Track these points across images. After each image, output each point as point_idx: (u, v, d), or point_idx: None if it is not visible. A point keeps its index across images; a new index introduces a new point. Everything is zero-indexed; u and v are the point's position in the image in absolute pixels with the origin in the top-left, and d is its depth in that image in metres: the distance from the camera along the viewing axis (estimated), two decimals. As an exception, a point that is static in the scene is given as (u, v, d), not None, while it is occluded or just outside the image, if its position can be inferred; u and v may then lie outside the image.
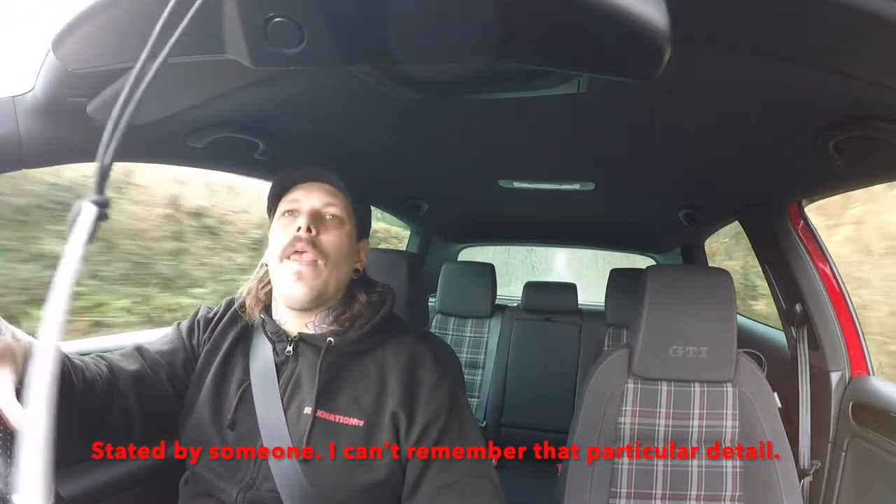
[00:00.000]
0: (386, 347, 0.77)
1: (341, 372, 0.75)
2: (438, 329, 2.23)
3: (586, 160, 1.15)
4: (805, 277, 1.32)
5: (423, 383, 0.74)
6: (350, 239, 0.79)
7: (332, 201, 0.77)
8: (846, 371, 1.30)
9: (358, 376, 0.74)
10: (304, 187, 0.78)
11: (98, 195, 0.30)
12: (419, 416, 0.72)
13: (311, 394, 0.72)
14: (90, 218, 0.31)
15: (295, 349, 0.76)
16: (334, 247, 0.75)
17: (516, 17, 0.33)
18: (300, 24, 0.35)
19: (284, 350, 0.76)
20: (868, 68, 0.52)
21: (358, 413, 0.72)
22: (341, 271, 0.77)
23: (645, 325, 1.10)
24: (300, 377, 0.75)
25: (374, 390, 0.73)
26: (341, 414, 0.72)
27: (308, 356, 0.75)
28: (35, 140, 0.69)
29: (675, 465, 1.10)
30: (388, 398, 0.72)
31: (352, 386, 0.74)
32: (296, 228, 0.73)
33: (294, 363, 0.76)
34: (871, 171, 0.91)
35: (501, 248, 5.91)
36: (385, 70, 0.59)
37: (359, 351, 0.76)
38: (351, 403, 0.72)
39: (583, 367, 2.10)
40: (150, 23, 0.39)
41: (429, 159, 1.20)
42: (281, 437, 0.71)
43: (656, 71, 0.35)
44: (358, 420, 0.71)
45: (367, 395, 0.73)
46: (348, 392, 0.73)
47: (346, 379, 0.74)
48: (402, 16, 0.35)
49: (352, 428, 0.71)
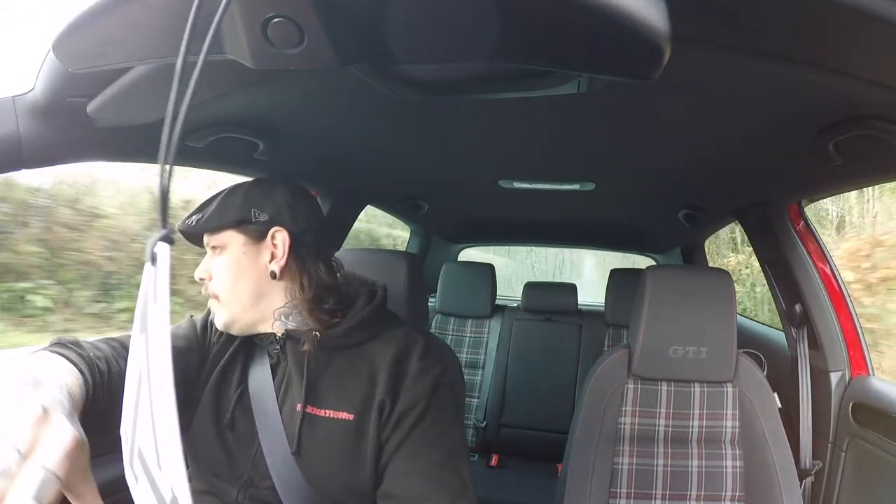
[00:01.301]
0: (376, 342, 0.76)
1: (330, 366, 0.74)
2: (438, 329, 2.23)
3: (586, 160, 1.15)
4: (805, 277, 1.32)
5: (408, 372, 0.73)
6: (236, 257, 0.74)
7: (209, 240, 0.77)
8: (846, 371, 1.30)
9: (347, 371, 0.74)
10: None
11: (164, 228, 0.31)
12: (399, 402, 0.71)
13: (300, 390, 0.73)
14: (166, 255, 0.31)
15: (282, 347, 0.76)
16: (222, 283, 0.75)
17: (516, 16, 0.33)
18: (300, 24, 0.35)
19: (274, 350, 0.77)
20: (868, 68, 0.52)
21: (347, 407, 0.71)
22: (242, 292, 0.74)
23: (645, 325, 1.10)
24: (291, 375, 0.75)
25: (364, 384, 0.73)
26: (330, 408, 0.72)
27: (297, 353, 0.75)
28: (35, 140, 0.69)
29: (675, 465, 1.10)
30: (377, 389, 0.72)
31: (341, 380, 0.74)
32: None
33: (285, 361, 0.76)
34: (871, 171, 0.91)
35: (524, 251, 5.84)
36: (385, 70, 0.59)
37: (348, 345, 0.75)
38: (340, 398, 0.72)
39: (583, 367, 2.10)
40: (150, 23, 0.39)
41: (429, 159, 1.21)
42: (276, 435, 0.72)
43: (656, 71, 0.35)
44: (347, 414, 0.71)
45: (356, 390, 0.72)
46: (337, 386, 0.73)
47: (336, 373, 0.74)
48: (402, 16, 0.35)
49: (342, 422, 0.71)
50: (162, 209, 0.31)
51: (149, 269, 0.33)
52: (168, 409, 0.30)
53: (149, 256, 0.32)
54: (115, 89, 0.62)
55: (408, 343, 0.76)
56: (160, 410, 0.31)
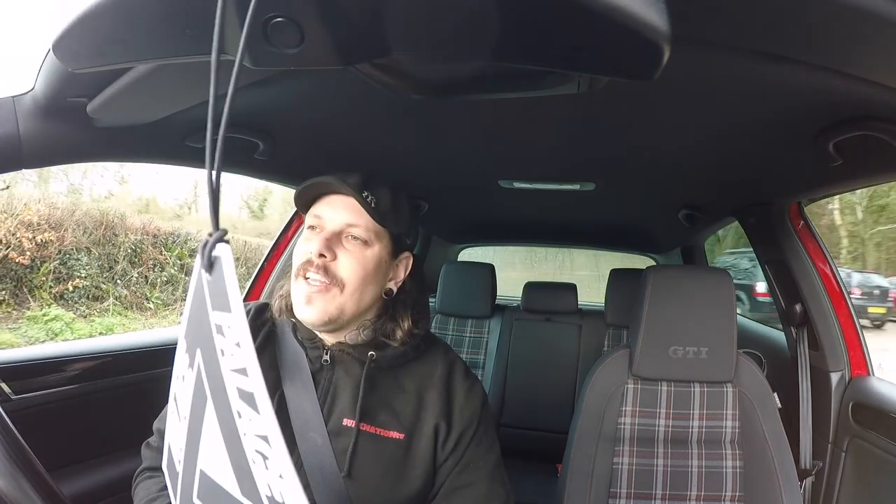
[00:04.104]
0: (420, 361, 0.77)
1: (379, 385, 0.73)
2: (438, 329, 2.23)
3: (586, 160, 1.15)
4: (805, 277, 1.32)
5: (458, 392, 0.75)
6: (377, 259, 0.73)
7: (356, 221, 0.71)
8: (846, 371, 1.30)
9: (396, 390, 0.74)
10: (328, 201, 0.73)
11: (218, 230, 0.29)
12: (455, 423, 0.73)
13: (351, 406, 0.71)
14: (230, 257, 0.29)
15: (332, 358, 0.74)
16: (353, 271, 0.70)
17: (516, 17, 0.33)
18: (300, 24, 0.35)
19: (320, 359, 0.74)
20: (868, 68, 0.52)
21: (397, 426, 0.71)
22: (364, 295, 0.72)
23: (645, 326, 1.10)
24: (337, 388, 0.73)
25: (413, 403, 0.73)
26: (382, 427, 0.71)
27: (347, 367, 0.74)
28: (35, 140, 0.69)
29: (675, 465, 1.10)
30: (427, 411, 0.73)
31: (390, 399, 0.73)
32: (309, 249, 0.70)
33: (331, 372, 0.74)
34: (871, 171, 0.91)
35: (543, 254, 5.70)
36: (385, 70, 0.59)
37: (396, 365, 0.75)
38: (391, 417, 0.72)
39: (583, 367, 2.10)
40: (150, 23, 0.39)
41: (429, 159, 1.20)
42: (321, 451, 0.69)
43: (656, 71, 0.35)
44: (398, 433, 0.71)
45: (406, 409, 0.73)
46: (387, 405, 0.73)
47: (385, 392, 0.73)
48: (402, 16, 0.35)
49: (393, 441, 0.71)
50: (214, 210, 0.29)
51: (203, 277, 0.30)
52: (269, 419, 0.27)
53: (205, 262, 0.29)
54: (115, 89, 0.62)
55: (450, 361, 0.78)
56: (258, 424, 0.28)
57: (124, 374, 1.22)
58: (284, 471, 0.27)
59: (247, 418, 0.29)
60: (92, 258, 6.53)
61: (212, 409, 0.31)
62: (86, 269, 6.40)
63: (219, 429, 0.31)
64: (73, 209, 6.59)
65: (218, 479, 0.31)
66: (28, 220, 5.97)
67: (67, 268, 6.27)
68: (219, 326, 0.30)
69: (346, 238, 0.72)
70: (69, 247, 6.33)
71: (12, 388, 1.01)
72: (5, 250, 5.75)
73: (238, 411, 0.29)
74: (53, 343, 4.38)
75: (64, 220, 6.33)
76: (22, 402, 1.01)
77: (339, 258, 0.70)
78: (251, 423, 0.28)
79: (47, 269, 6.11)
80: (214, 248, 0.29)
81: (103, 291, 6.53)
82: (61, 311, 5.98)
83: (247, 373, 0.28)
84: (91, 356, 1.17)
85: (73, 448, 1.10)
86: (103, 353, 1.20)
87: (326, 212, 0.72)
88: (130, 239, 6.91)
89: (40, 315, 5.82)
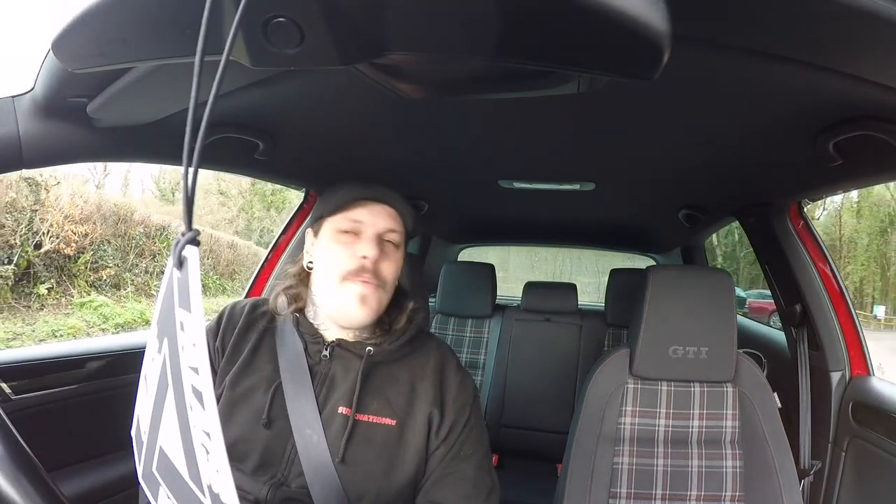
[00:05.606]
0: (415, 354, 0.80)
1: (374, 377, 0.77)
2: (438, 329, 2.23)
3: (586, 160, 1.15)
4: (805, 277, 1.32)
5: (451, 383, 0.79)
6: (400, 261, 0.81)
7: (394, 227, 0.78)
8: (846, 371, 1.30)
9: (390, 380, 0.77)
10: (368, 207, 0.77)
11: (190, 230, 0.30)
12: (448, 412, 0.76)
13: (347, 396, 0.74)
14: (196, 258, 0.30)
15: (331, 353, 0.77)
16: (391, 273, 0.77)
17: (516, 17, 0.33)
18: (300, 24, 0.35)
19: (320, 353, 0.77)
20: (868, 68, 0.52)
21: (390, 413, 0.75)
22: (391, 292, 0.80)
23: (645, 325, 1.10)
24: (334, 379, 0.76)
25: (406, 393, 0.77)
26: (374, 414, 0.74)
27: (345, 361, 0.77)
28: (35, 140, 0.69)
29: (675, 465, 1.10)
30: (420, 400, 0.76)
31: (384, 389, 0.76)
32: (361, 254, 0.74)
33: (328, 365, 0.77)
34: (871, 171, 0.91)
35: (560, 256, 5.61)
36: (385, 70, 0.59)
37: (392, 360, 0.79)
38: (383, 405, 0.75)
39: (583, 367, 2.10)
40: (149, 23, 0.39)
41: (429, 159, 1.21)
42: (316, 439, 0.71)
43: (656, 71, 0.35)
44: (390, 420, 0.74)
45: (398, 398, 0.76)
46: (381, 394, 0.76)
47: (380, 383, 0.77)
48: (402, 16, 0.35)
49: (385, 427, 0.74)
50: (187, 211, 0.30)
51: (173, 273, 0.31)
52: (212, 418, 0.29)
53: (175, 261, 0.31)
54: (115, 89, 0.62)
55: (443, 354, 0.82)
56: (203, 419, 0.30)
57: (124, 374, 1.22)
58: (221, 467, 0.29)
59: (197, 412, 0.31)
60: (114, 249, 7.02)
61: (171, 395, 0.33)
62: (111, 259, 6.91)
63: (175, 415, 0.33)
64: (100, 203, 7.05)
65: (172, 459, 0.34)
66: (70, 213, 6.40)
67: (98, 258, 6.77)
68: (182, 323, 0.32)
69: (385, 242, 0.78)
70: (99, 239, 6.83)
71: (12, 388, 1.00)
72: (56, 241, 6.15)
73: (190, 405, 0.31)
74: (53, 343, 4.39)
75: (92, 214, 6.81)
76: (22, 402, 1.01)
77: (381, 261, 0.76)
78: (199, 417, 0.31)
79: (85, 259, 6.54)
80: (185, 248, 0.30)
81: (123, 280, 7.00)
82: (105, 299, 6.43)
83: (199, 372, 0.30)
84: (91, 356, 1.17)
85: (73, 448, 1.10)
86: (103, 353, 1.20)
87: (367, 216, 0.77)
88: (138, 231, 7.37)
89: (88, 301, 6.23)
